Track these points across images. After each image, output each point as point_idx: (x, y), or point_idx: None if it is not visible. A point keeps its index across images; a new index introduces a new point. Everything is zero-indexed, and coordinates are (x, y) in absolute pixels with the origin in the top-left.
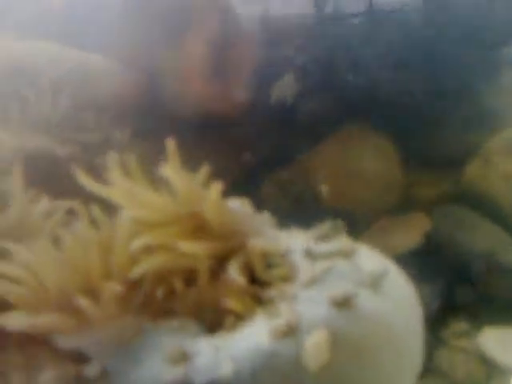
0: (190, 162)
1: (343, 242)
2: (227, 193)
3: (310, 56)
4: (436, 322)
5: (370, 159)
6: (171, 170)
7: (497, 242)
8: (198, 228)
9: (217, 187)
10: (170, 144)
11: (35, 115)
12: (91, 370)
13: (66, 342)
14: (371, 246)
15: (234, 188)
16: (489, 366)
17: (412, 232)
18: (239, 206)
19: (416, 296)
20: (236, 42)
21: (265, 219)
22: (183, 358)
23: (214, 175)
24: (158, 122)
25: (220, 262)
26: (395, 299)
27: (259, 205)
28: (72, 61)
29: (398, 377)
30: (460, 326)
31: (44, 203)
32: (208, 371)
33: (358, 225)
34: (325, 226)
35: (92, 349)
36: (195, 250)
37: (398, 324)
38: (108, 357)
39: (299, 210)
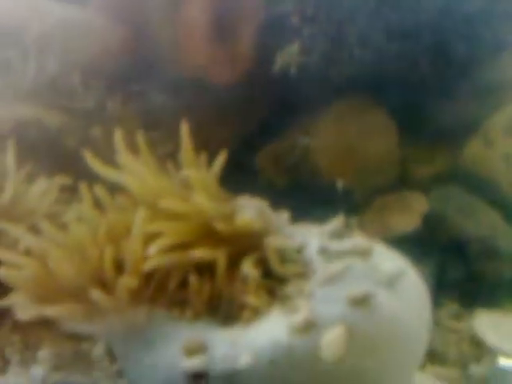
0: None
1: (359, 240)
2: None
3: (318, 28)
4: (430, 303)
5: (368, 134)
6: (190, 168)
7: (493, 226)
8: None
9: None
10: (185, 129)
11: (20, 80)
12: (96, 350)
13: (73, 328)
14: (370, 227)
15: (229, 158)
16: (480, 346)
17: (410, 214)
18: (256, 205)
19: (427, 294)
20: (240, 5)
21: (281, 217)
22: (200, 348)
23: (209, 144)
24: (149, 84)
25: (237, 258)
26: (409, 298)
27: (254, 177)
28: (57, 15)
29: (406, 368)
30: (453, 307)
31: (40, 183)
32: (226, 363)
33: (355, 202)
34: (338, 223)
35: (101, 335)
36: (210, 256)
37: (411, 322)
38: (117, 342)
39: (295, 184)
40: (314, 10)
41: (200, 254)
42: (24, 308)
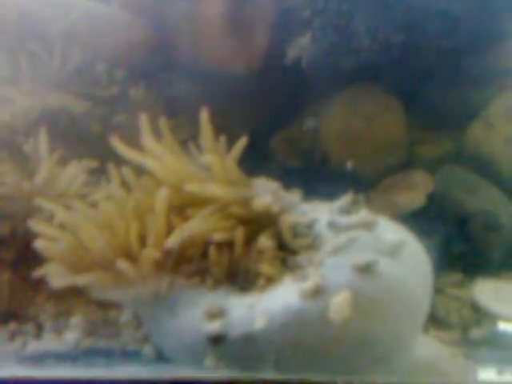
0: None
1: (364, 214)
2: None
3: (328, 20)
4: (434, 272)
5: (377, 119)
6: (211, 155)
7: (494, 203)
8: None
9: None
10: (205, 116)
11: (45, 71)
12: (123, 317)
13: (101, 295)
14: (377, 205)
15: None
16: (479, 312)
17: (416, 192)
18: (271, 186)
19: (428, 262)
20: (253, 1)
21: (293, 196)
22: (220, 313)
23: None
24: (170, 75)
25: (253, 233)
26: (410, 265)
27: (267, 161)
28: (80, 9)
29: (407, 331)
30: (455, 277)
31: (70, 167)
32: (242, 325)
33: (364, 183)
34: (346, 199)
35: (127, 302)
36: (229, 238)
37: (412, 287)
38: (143, 309)
39: (307, 167)
40: (323, 3)
41: (219, 237)
42: (57, 277)
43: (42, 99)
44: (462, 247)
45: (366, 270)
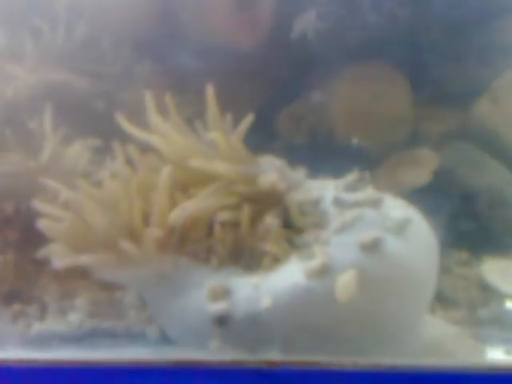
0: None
1: (370, 191)
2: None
3: None
4: (440, 251)
5: (383, 95)
6: (217, 133)
7: (500, 179)
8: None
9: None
10: (211, 92)
11: (49, 47)
12: (128, 298)
13: (104, 276)
14: (383, 182)
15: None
16: (487, 291)
17: (422, 169)
18: (276, 164)
19: (435, 240)
20: None
21: (299, 174)
22: (225, 293)
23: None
24: (175, 52)
25: (259, 211)
26: (417, 243)
27: (272, 138)
28: None
29: (414, 310)
30: (462, 256)
31: (75, 145)
32: (248, 305)
33: (369, 160)
34: (352, 177)
35: (131, 283)
36: (234, 216)
37: (419, 266)
38: (147, 290)
39: (312, 144)
40: None
41: (224, 216)
42: (60, 257)
43: (46, 75)
44: (468, 225)
45: (372, 247)
